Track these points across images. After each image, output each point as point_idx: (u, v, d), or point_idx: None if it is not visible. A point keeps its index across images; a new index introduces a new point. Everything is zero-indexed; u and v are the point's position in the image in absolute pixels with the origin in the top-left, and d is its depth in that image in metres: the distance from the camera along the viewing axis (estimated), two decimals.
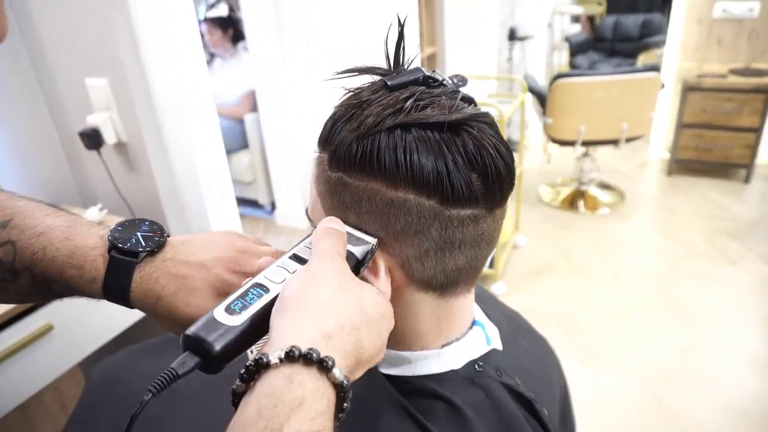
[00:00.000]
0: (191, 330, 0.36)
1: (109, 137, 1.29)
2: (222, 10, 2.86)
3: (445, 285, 0.48)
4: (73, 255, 0.46)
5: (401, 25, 0.48)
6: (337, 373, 0.32)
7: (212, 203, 1.39)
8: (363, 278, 0.45)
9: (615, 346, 2.04)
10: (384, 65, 0.49)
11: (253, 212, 3.31)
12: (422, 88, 0.46)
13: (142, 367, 0.83)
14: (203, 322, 0.37)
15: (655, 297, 2.31)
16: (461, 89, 0.50)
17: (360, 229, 0.46)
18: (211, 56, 3.05)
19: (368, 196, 0.44)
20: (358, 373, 0.37)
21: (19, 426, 1.32)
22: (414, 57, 0.50)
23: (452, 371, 0.52)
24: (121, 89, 1.23)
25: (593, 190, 3.21)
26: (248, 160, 3.07)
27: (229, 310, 0.37)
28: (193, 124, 1.31)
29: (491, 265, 2.39)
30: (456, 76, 0.51)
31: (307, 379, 0.31)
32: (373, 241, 0.45)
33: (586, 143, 2.90)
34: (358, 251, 0.44)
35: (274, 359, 0.31)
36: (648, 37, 4.88)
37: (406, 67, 0.49)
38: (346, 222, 0.46)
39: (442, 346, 0.53)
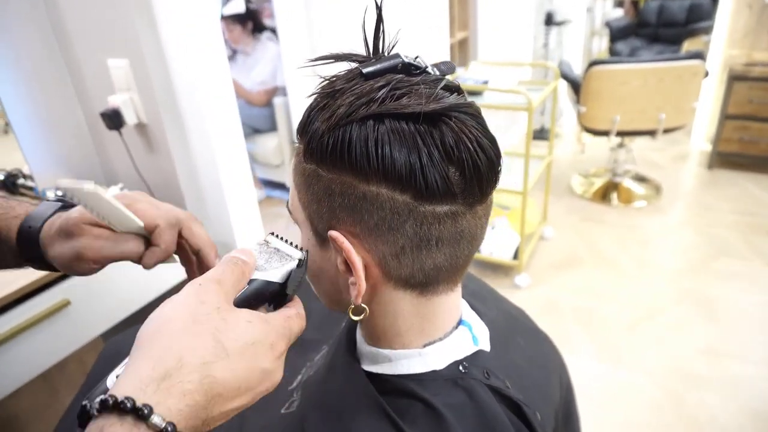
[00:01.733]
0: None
1: (130, 118, 1.31)
2: (239, 6, 2.80)
3: (424, 283, 0.47)
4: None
5: (379, 8, 0.46)
6: (157, 419, 0.30)
7: (229, 185, 1.40)
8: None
9: (636, 343, 1.98)
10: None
11: (281, 195, 3.34)
12: (400, 76, 0.44)
13: None
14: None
15: (683, 295, 2.22)
16: (449, 77, 0.47)
17: (290, 244, 0.46)
18: (234, 52, 3.00)
19: (341, 189, 0.43)
20: (223, 407, 0.35)
21: (43, 393, 1.38)
22: (394, 43, 0.47)
23: (434, 372, 0.51)
24: (141, 70, 1.24)
25: (627, 182, 3.10)
26: (276, 143, 3.09)
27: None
28: (211, 107, 1.32)
29: (515, 257, 2.35)
30: (444, 62, 0.48)
31: (120, 429, 0.29)
32: (298, 255, 0.45)
33: (621, 133, 2.80)
34: (278, 274, 0.44)
35: (92, 409, 0.30)
36: (694, 23, 4.66)
37: (386, 53, 0.47)
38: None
39: (424, 346, 0.51)
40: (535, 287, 2.33)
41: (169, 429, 0.30)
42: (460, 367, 0.52)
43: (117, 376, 0.35)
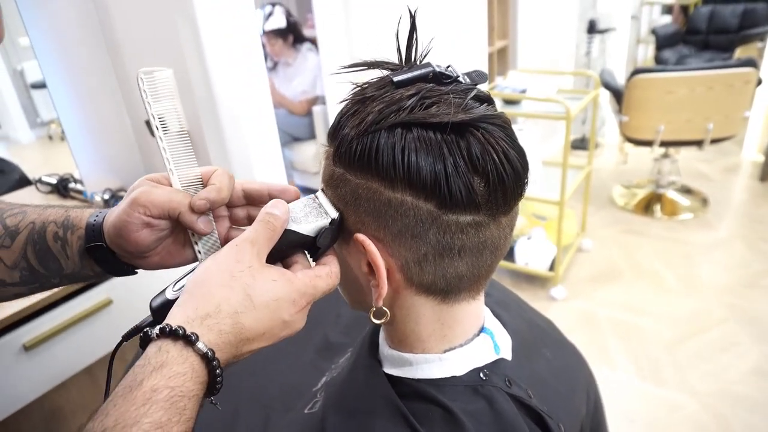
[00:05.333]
0: (153, 302, 0.47)
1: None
2: (280, 21, 2.85)
3: (446, 291, 0.47)
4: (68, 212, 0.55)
5: (413, 17, 0.46)
6: (201, 345, 0.38)
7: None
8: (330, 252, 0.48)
9: (679, 361, 1.90)
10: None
11: None
12: (431, 85, 0.45)
13: None
14: (160, 297, 0.47)
15: (731, 312, 2.12)
16: (480, 86, 0.48)
17: (332, 201, 0.47)
18: (275, 64, 3.06)
19: (367, 195, 0.44)
20: (249, 347, 0.42)
21: (88, 387, 1.45)
22: (427, 51, 0.48)
23: (454, 377, 0.51)
24: (184, 80, 1.30)
25: (671, 194, 3.00)
26: (314, 151, 3.14)
27: (176, 284, 0.47)
28: (249, 115, 1.36)
29: (551, 268, 2.31)
30: (476, 71, 0.49)
31: (173, 348, 0.37)
32: (333, 214, 0.46)
33: (665, 143, 2.71)
34: (310, 228, 0.46)
35: (153, 334, 0.38)
36: (748, 29, 4.47)
37: (419, 62, 0.48)
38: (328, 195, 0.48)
39: (445, 351, 0.51)
40: (571, 300, 2.27)
41: (209, 355, 0.38)
42: (481, 375, 0.52)
43: (174, 289, 0.46)
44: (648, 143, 2.71)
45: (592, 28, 3.61)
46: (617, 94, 2.76)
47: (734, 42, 4.52)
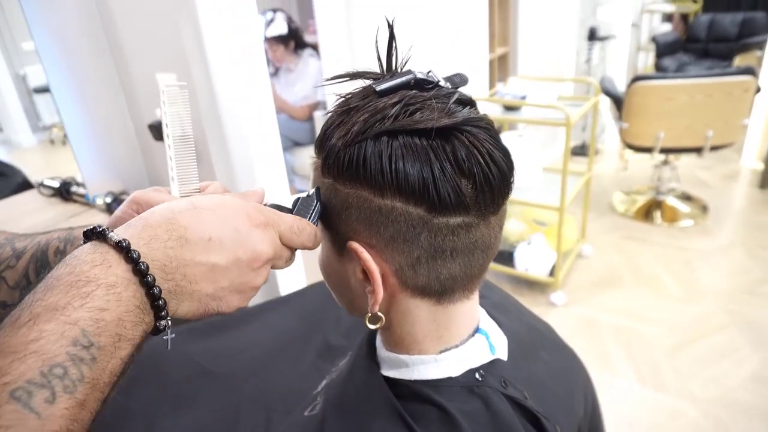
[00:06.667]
0: None
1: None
2: (281, 28, 2.87)
3: (440, 292, 0.48)
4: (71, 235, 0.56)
5: (391, 27, 0.47)
6: (111, 234, 0.36)
7: (267, 195, 1.45)
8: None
9: (679, 367, 1.90)
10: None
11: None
12: (413, 92, 0.45)
13: (185, 347, 0.89)
14: None
15: (731, 319, 2.13)
16: (462, 89, 0.49)
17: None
18: (276, 69, 3.07)
19: (357, 203, 0.44)
20: (195, 253, 0.38)
21: None
22: (408, 58, 0.49)
23: (450, 378, 0.51)
24: (187, 82, 1.30)
25: (671, 201, 3.00)
26: None
27: None
28: (251, 120, 1.37)
29: (551, 274, 2.31)
30: (457, 74, 0.50)
31: (88, 246, 0.36)
32: (309, 191, 0.48)
33: (665, 150, 2.72)
34: (288, 203, 0.47)
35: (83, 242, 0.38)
36: (747, 38, 4.49)
37: (400, 69, 0.48)
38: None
39: (440, 352, 0.52)
40: (571, 305, 2.27)
41: (124, 244, 0.36)
42: (477, 375, 0.52)
43: None
44: (648, 150, 2.71)
45: (592, 36, 3.63)
46: (617, 101, 2.77)
47: (733, 50, 4.55)
